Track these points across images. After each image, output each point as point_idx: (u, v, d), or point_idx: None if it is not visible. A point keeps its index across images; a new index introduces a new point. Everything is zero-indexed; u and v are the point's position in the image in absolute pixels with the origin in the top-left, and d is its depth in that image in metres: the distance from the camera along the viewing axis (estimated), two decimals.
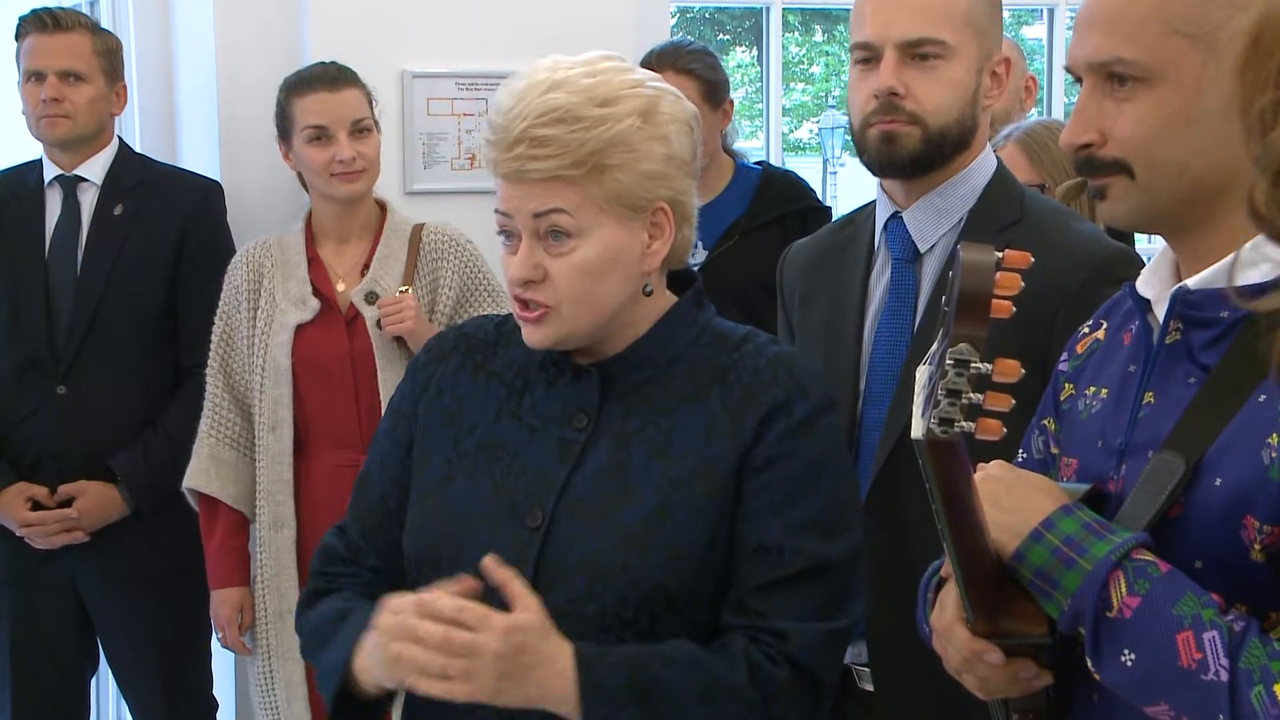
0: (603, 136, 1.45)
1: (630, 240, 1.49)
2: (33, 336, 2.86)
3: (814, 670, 1.46)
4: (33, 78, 2.88)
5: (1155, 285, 1.34)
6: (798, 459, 1.48)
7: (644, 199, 1.48)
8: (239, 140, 3.12)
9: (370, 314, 2.72)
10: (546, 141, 1.44)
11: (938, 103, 1.83)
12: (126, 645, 2.96)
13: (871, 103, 1.84)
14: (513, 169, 1.46)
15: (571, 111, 1.45)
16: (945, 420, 1.14)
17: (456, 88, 3.16)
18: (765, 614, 1.46)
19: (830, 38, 17.62)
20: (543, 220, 1.47)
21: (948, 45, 1.83)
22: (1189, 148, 1.25)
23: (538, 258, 1.48)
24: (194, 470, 2.78)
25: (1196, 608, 1.16)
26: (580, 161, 1.45)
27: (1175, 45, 1.24)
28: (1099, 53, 1.28)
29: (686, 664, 1.43)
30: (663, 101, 1.51)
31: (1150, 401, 1.29)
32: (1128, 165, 1.28)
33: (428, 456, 1.58)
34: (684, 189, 1.52)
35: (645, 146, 1.47)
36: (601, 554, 1.46)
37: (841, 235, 2.02)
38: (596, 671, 1.41)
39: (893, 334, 1.88)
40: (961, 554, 1.24)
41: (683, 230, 1.54)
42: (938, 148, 1.84)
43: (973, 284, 1.14)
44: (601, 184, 1.46)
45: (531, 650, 1.39)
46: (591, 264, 1.47)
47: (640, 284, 1.51)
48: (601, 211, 1.47)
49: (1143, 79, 1.25)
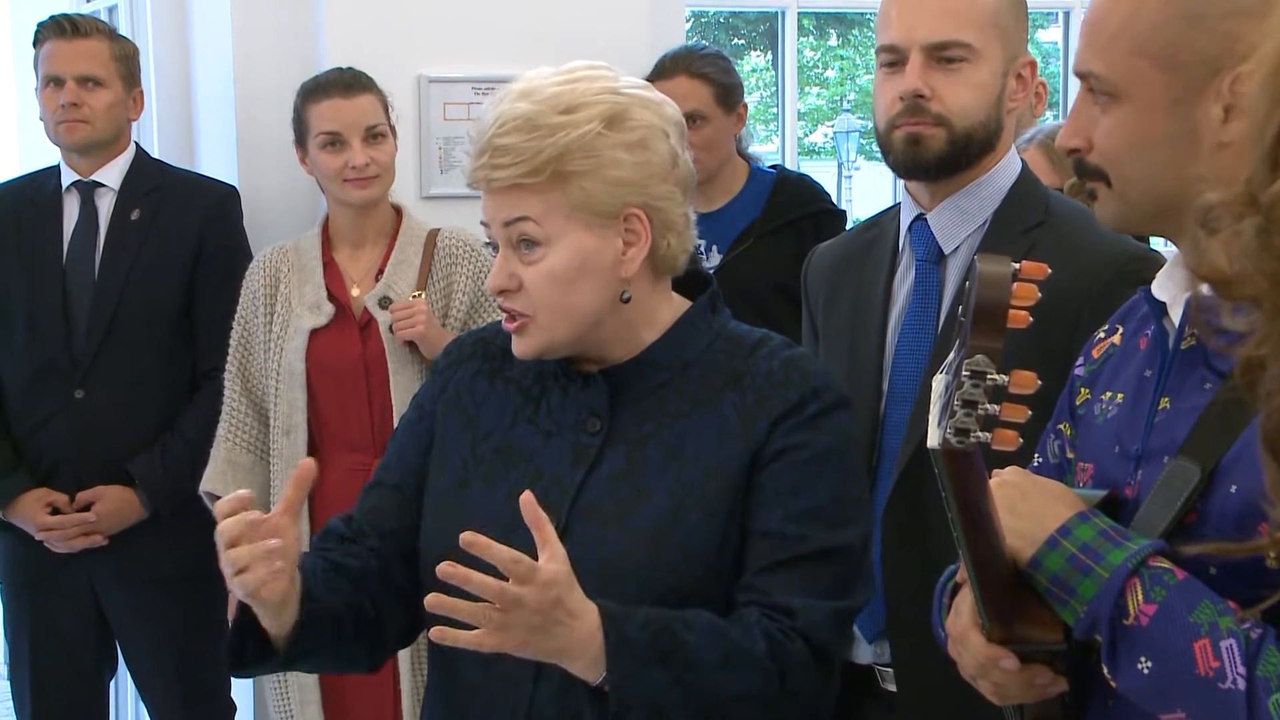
0: (560, 143, 1.45)
1: (601, 247, 1.49)
2: (50, 341, 2.88)
3: (823, 646, 1.47)
4: (51, 83, 2.90)
5: (1170, 289, 1.34)
6: (805, 451, 1.48)
7: (613, 205, 1.48)
8: (256, 145, 3.13)
9: (384, 319, 2.72)
10: (505, 150, 1.46)
11: (963, 105, 1.83)
12: (145, 648, 2.97)
13: (897, 105, 1.85)
14: (479, 178, 1.49)
15: (531, 120, 1.46)
16: (961, 431, 1.14)
17: (473, 92, 3.16)
18: (771, 592, 1.46)
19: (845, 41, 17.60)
20: (513, 229, 1.49)
21: (973, 48, 1.83)
22: (1155, 164, 1.27)
23: (512, 267, 1.50)
24: (211, 474, 2.79)
25: (1213, 615, 1.16)
26: (537, 170, 1.45)
27: (1139, 66, 1.26)
28: (1079, 63, 1.31)
29: (707, 630, 1.43)
30: (633, 109, 1.50)
31: (1166, 407, 1.29)
32: (1105, 174, 1.30)
33: (445, 459, 1.59)
34: (661, 195, 1.51)
35: (610, 153, 1.47)
36: (616, 557, 1.47)
37: (866, 237, 2.03)
38: (624, 628, 1.40)
39: (917, 335, 1.88)
40: (977, 560, 1.24)
41: (668, 238, 1.52)
42: (963, 150, 1.85)
43: (989, 295, 1.14)
44: (565, 191, 1.47)
45: (563, 605, 1.37)
46: (560, 272, 1.48)
47: (618, 291, 1.51)
48: (568, 219, 1.47)
49: (1112, 95, 1.28)
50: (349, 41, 3.04)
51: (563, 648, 1.39)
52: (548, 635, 1.38)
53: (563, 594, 1.37)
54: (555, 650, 1.39)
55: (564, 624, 1.38)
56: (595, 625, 1.40)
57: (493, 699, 1.51)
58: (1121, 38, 1.26)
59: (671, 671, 1.41)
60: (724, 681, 1.43)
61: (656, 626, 1.42)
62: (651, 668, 1.40)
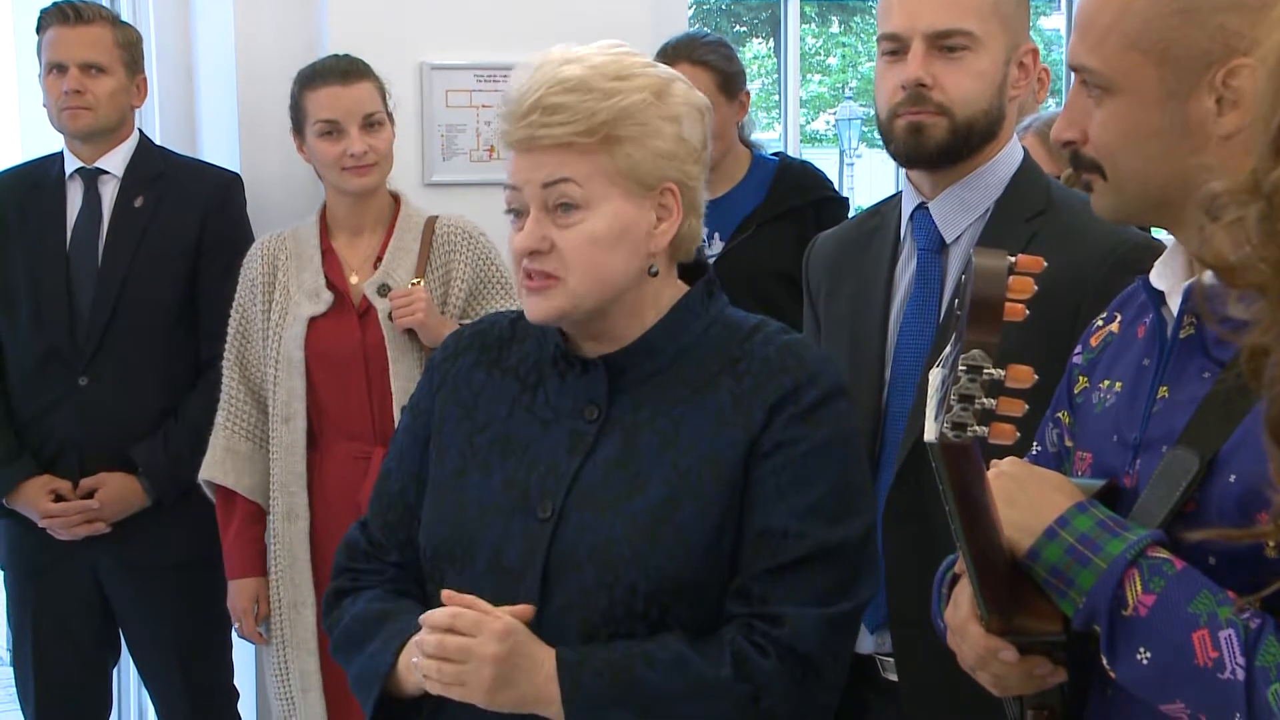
0: (616, 106, 1.46)
1: (638, 217, 1.50)
2: (54, 328, 2.88)
3: (810, 656, 1.46)
4: (54, 70, 2.89)
5: (1169, 278, 1.34)
6: (805, 444, 1.48)
7: (654, 176, 1.49)
8: (258, 132, 3.13)
9: (382, 306, 2.72)
10: (559, 109, 1.45)
11: (965, 94, 1.83)
12: (148, 635, 2.98)
13: (899, 94, 1.84)
14: (524, 135, 1.47)
15: (585, 81, 1.46)
16: (958, 425, 1.14)
17: (475, 79, 3.16)
18: (767, 599, 1.46)
19: (847, 29, 17.53)
20: (551, 191, 1.47)
21: (975, 36, 1.82)
22: (1149, 158, 1.27)
23: (545, 229, 1.49)
24: (210, 462, 2.80)
25: (1212, 605, 1.16)
26: (592, 130, 1.46)
27: (1132, 60, 1.26)
28: (1072, 56, 1.31)
29: (670, 663, 1.44)
30: (675, 85, 1.52)
31: (1164, 396, 1.29)
32: (1100, 167, 1.31)
33: (444, 452, 1.59)
34: (693, 175, 1.53)
35: (657, 124, 1.49)
36: (611, 545, 1.47)
37: (867, 226, 2.02)
38: (578, 675, 1.43)
39: (918, 324, 1.88)
40: (975, 552, 1.24)
41: (690, 219, 1.54)
42: (965, 139, 1.84)
43: (985, 290, 1.14)
44: (613, 155, 1.47)
45: (524, 653, 1.43)
46: (600, 235, 1.48)
47: (646, 264, 1.52)
48: (611, 184, 1.48)
49: (1106, 88, 1.28)
50: (351, 29, 3.04)
51: (532, 696, 1.44)
52: (514, 684, 1.43)
53: (522, 641, 1.43)
54: (525, 699, 1.44)
55: (526, 671, 1.43)
56: (554, 671, 1.43)
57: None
58: (1114, 32, 1.27)
59: (633, 710, 1.43)
60: (691, 712, 1.44)
61: (615, 667, 1.44)
62: (611, 709, 1.43)
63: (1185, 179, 1.25)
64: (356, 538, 1.67)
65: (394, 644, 1.52)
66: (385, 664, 1.53)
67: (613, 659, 1.44)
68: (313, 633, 2.75)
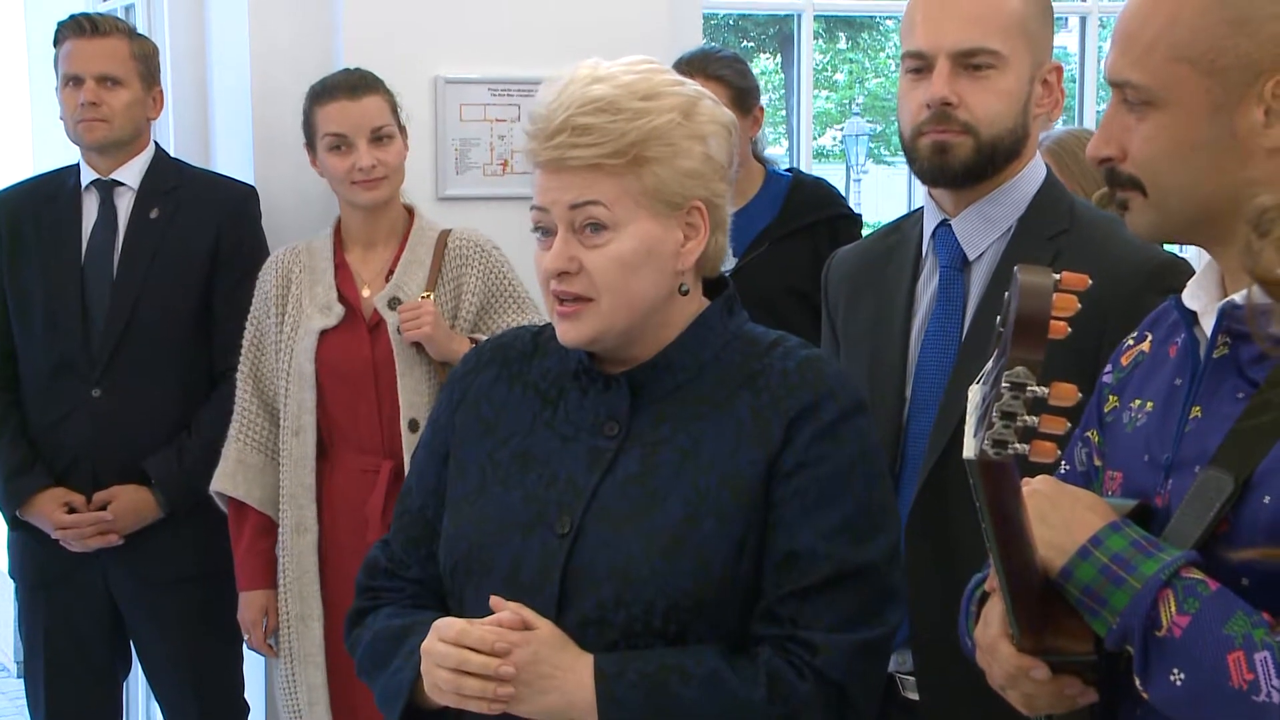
0: (644, 128, 1.46)
1: (665, 237, 1.49)
2: (68, 340, 2.87)
3: (842, 684, 1.45)
4: (71, 82, 2.89)
5: (1201, 298, 1.33)
6: (827, 464, 1.47)
7: (681, 196, 1.49)
8: (273, 145, 3.13)
9: (393, 320, 2.72)
10: (588, 130, 1.45)
11: (990, 112, 1.82)
12: (159, 647, 2.97)
13: (923, 112, 1.84)
14: (553, 157, 1.47)
15: (614, 102, 1.46)
16: (999, 442, 1.13)
17: (489, 93, 3.16)
18: (796, 622, 1.45)
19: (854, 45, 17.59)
20: (579, 212, 1.47)
21: (1000, 55, 1.81)
22: (1196, 170, 1.26)
23: (572, 250, 1.48)
24: (221, 473, 2.79)
25: (1247, 627, 1.16)
26: (621, 151, 1.45)
27: (1180, 72, 1.25)
28: (1114, 72, 1.30)
29: (707, 680, 1.43)
30: (702, 103, 1.52)
31: (1197, 416, 1.29)
32: (1141, 183, 1.29)
33: (464, 467, 1.59)
34: (719, 192, 1.53)
35: (685, 144, 1.48)
36: (629, 562, 1.47)
37: (888, 242, 2.01)
38: (615, 687, 1.43)
39: (940, 342, 1.87)
40: (1009, 570, 1.24)
41: (717, 236, 1.54)
42: (989, 158, 1.84)
43: (1031, 306, 1.14)
44: (640, 177, 1.47)
45: (546, 660, 1.43)
46: (627, 256, 1.47)
47: (674, 283, 1.51)
48: (638, 206, 1.47)
49: (1151, 102, 1.27)
50: (365, 42, 3.04)
51: (563, 704, 1.44)
52: (541, 691, 1.44)
53: (544, 651, 1.43)
54: (555, 706, 1.44)
55: (554, 678, 1.43)
56: (589, 681, 1.43)
57: None
58: (1160, 44, 1.26)
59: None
60: None
61: (651, 682, 1.43)
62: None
63: (1231, 193, 1.25)
64: (377, 556, 1.66)
65: (415, 659, 1.52)
66: (407, 680, 1.52)
67: (649, 671, 1.44)
68: (320, 646, 2.74)
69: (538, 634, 1.44)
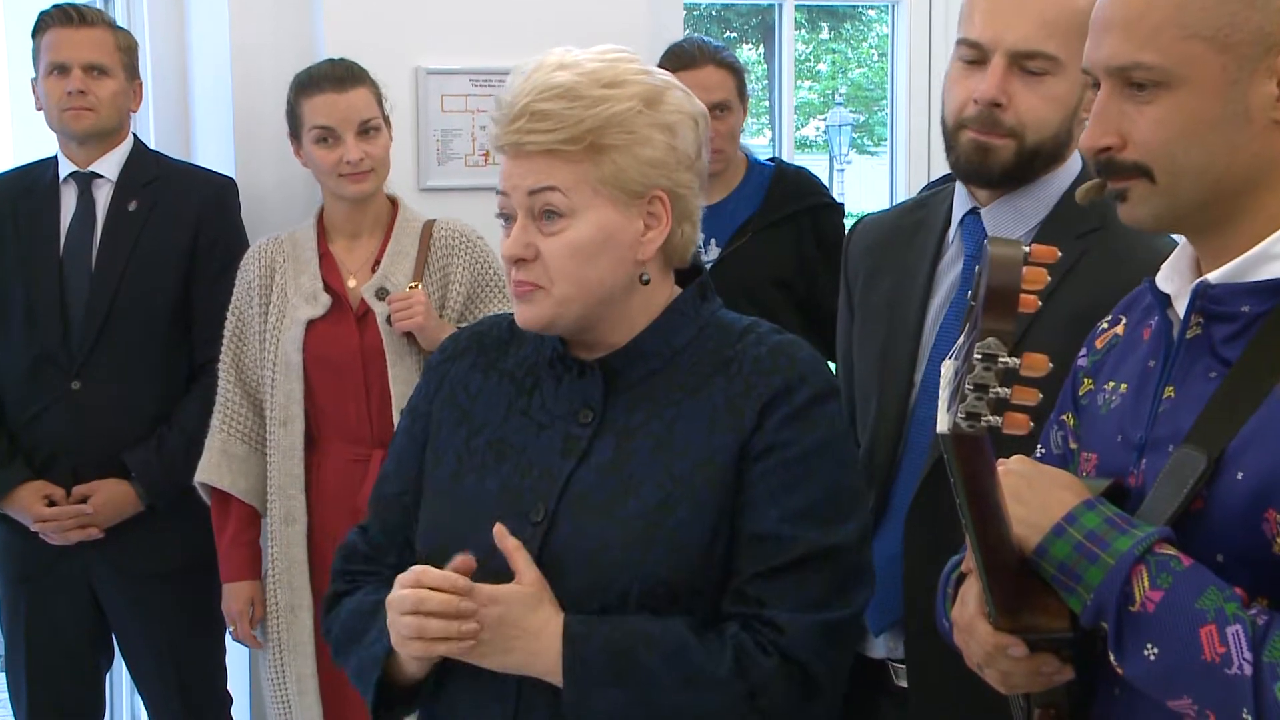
0: (601, 115, 1.46)
1: (624, 225, 1.49)
2: (47, 332, 2.86)
3: (806, 663, 1.46)
4: (55, 71, 2.87)
5: (1175, 280, 1.34)
6: (796, 447, 1.48)
7: (642, 185, 1.49)
8: (253, 137, 3.12)
9: (381, 310, 2.72)
10: (546, 115, 1.45)
11: (1039, 118, 1.77)
12: (141, 640, 2.97)
13: (971, 106, 1.78)
14: (512, 141, 1.48)
15: (573, 89, 1.46)
16: (972, 415, 1.14)
17: (471, 84, 3.16)
18: (763, 602, 1.46)
19: (837, 35, 17.57)
20: (537, 198, 1.48)
21: (1058, 61, 1.75)
22: (1211, 150, 1.25)
23: (530, 236, 1.49)
24: (205, 465, 2.79)
25: (1219, 602, 1.17)
26: (577, 138, 1.46)
27: (1194, 49, 1.24)
28: (1117, 57, 1.27)
29: (672, 650, 1.44)
30: (670, 93, 1.52)
31: (1170, 396, 1.30)
32: (1148, 169, 1.27)
33: (440, 455, 1.59)
34: (684, 183, 1.52)
35: (646, 132, 1.48)
36: (604, 549, 1.47)
37: (913, 218, 1.97)
38: (581, 649, 1.44)
39: (958, 330, 1.85)
40: (985, 548, 1.25)
41: (683, 227, 1.53)
42: (1030, 162, 1.79)
43: (1001, 278, 1.15)
44: (598, 164, 1.47)
45: (512, 622, 1.44)
46: (582, 244, 1.48)
47: (635, 272, 1.51)
48: (595, 193, 1.48)
49: (1163, 83, 1.25)
50: (346, 33, 3.03)
51: (526, 663, 1.46)
52: (505, 650, 1.45)
53: (512, 613, 1.44)
54: (520, 664, 1.46)
55: (519, 639, 1.44)
56: (557, 644, 1.44)
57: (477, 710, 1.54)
58: (1171, 23, 1.24)
59: (629, 691, 1.44)
60: (685, 702, 1.44)
61: (617, 647, 1.44)
62: (607, 688, 1.44)
63: (1243, 171, 1.24)
64: (355, 541, 1.66)
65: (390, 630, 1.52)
66: (382, 649, 1.52)
67: (616, 637, 1.45)
68: (310, 636, 2.74)
69: (508, 593, 1.44)
